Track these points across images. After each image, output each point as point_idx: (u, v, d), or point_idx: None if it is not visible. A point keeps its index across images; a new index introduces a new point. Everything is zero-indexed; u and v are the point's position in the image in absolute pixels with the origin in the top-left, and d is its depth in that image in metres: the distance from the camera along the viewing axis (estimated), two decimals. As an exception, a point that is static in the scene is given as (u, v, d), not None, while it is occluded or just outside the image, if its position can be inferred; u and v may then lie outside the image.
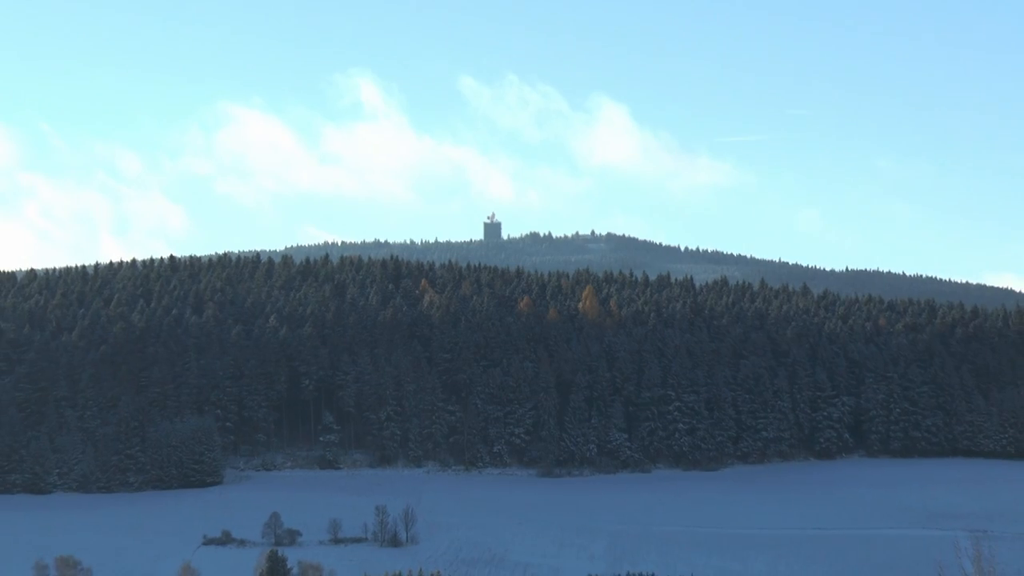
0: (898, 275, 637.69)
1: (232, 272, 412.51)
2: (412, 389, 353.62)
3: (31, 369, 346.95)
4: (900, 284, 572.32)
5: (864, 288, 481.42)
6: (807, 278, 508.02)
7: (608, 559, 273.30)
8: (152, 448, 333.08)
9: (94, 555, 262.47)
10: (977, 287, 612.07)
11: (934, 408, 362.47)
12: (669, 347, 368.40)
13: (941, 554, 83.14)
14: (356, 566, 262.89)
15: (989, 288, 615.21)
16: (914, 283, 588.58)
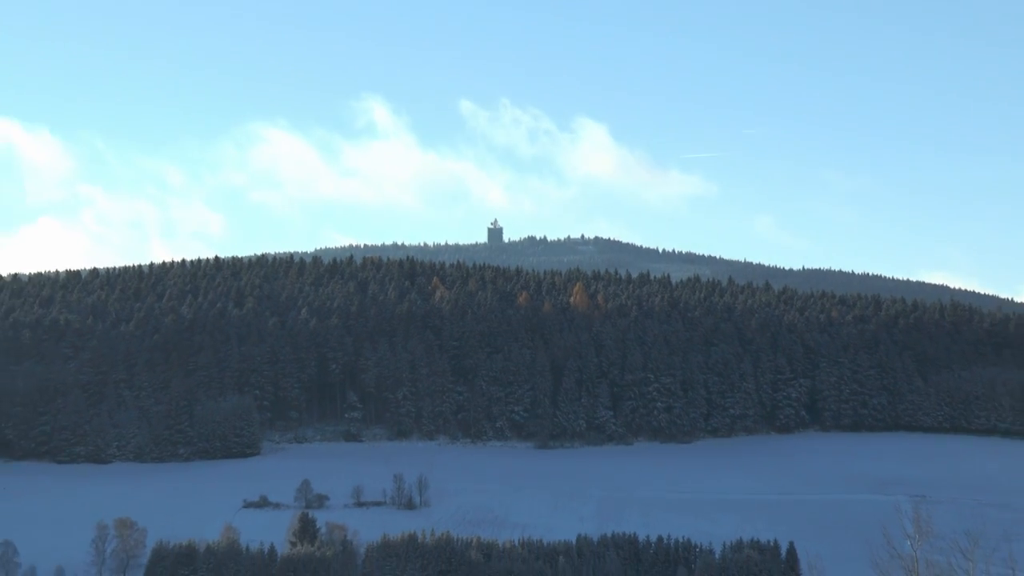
0: (848, 273, 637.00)
1: (268, 271, 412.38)
2: (425, 372, 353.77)
3: (93, 355, 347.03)
4: (849, 281, 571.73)
5: (818, 284, 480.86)
6: (768, 276, 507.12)
7: (596, 520, 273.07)
8: (199, 424, 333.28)
9: (148, 517, 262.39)
10: (916, 283, 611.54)
11: (879, 389, 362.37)
12: (649, 336, 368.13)
13: (885, 516, 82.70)
14: (376, 526, 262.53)
15: (926, 284, 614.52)
16: (861, 280, 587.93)
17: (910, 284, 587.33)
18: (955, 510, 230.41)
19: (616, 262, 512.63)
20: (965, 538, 67.20)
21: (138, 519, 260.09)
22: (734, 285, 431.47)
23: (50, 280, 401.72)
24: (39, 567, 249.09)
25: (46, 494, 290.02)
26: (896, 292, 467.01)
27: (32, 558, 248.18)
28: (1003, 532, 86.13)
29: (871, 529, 78.15)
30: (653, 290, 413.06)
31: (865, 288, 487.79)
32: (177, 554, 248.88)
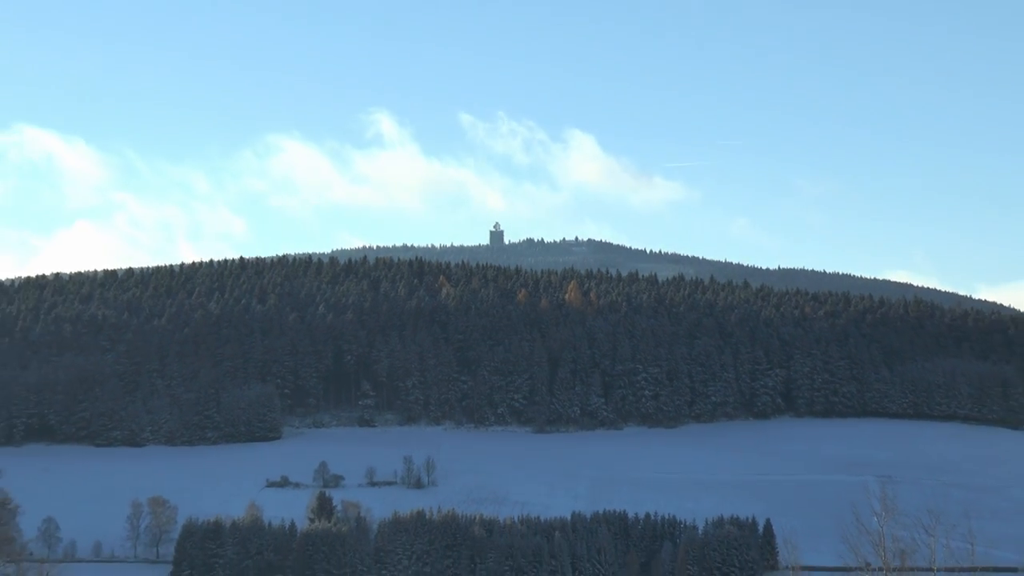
0: (819, 272, 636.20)
1: (289, 270, 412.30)
2: (432, 363, 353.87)
3: (129, 347, 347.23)
4: (820, 279, 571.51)
5: (792, 283, 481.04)
6: (747, 275, 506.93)
7: (589, 498, 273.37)
8: (225, 410, 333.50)
9: (179, 495, 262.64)
10: (882, 282, 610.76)
11: (849, 378, 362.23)
12: (637, 330, 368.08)
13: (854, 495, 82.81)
14: (387, 504, 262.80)
15: (891, 283, 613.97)
16: (831, 278, 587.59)
17: (876, 282, 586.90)
18: (918, 489, 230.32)
19: (607, 262, 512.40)
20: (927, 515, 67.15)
21: (169, 498, 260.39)
22: (715, 283, 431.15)
23: (89, 279, 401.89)
24: (79, 542, 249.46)
25: (85, 475, 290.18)
26: (863, 290, 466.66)
27: (72, 533, 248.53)
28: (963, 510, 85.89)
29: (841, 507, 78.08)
30: (641, 288, 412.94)
31: (835, 286, 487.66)
32: (205, 530, 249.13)
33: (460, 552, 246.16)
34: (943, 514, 66.20)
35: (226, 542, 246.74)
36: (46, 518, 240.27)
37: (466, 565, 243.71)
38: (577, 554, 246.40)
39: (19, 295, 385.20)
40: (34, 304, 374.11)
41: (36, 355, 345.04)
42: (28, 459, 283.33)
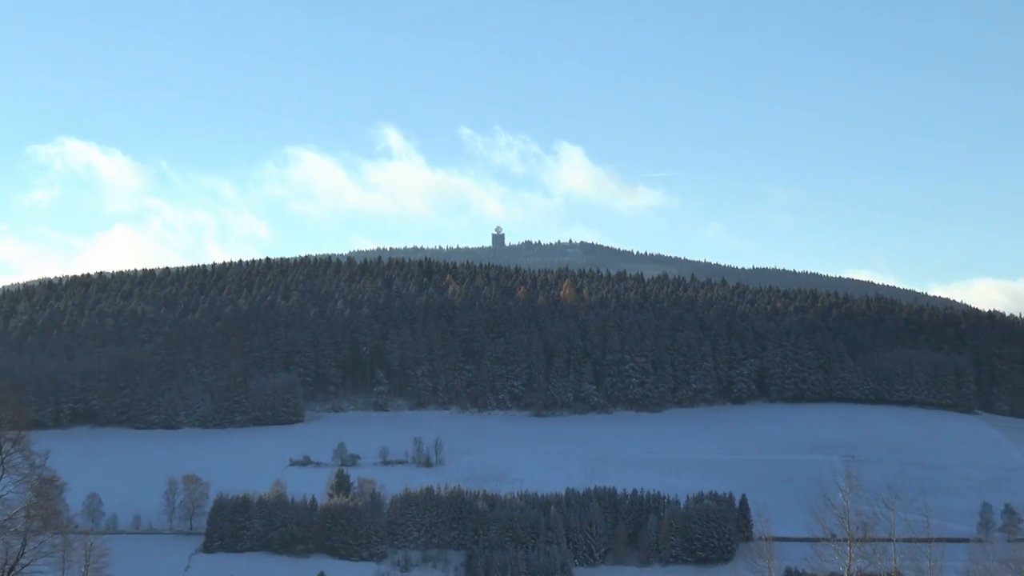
0: (789, 271, 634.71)
1: (310, 270, 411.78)
2: (440, 353, 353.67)
3: (166, 339, 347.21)
4: (790, 278, 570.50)
5: (764, 281, 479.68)
6: (724, 274, 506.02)
7: (581, 476, 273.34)
8: (252, 396, 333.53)
9: (211, 473, 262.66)
10: (846, 280, 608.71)
11: (816, 367, 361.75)
12: (625, 323, 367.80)
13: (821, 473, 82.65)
14: (399, 481, 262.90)
15: (854, 281, 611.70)
16: (800, 277, 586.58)
17: (841, 280, 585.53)
18: (879, 468, 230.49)
19: (598, 262, 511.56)
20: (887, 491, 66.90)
21: (202, 475, 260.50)
22: (696, 281, 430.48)
23: (129, 277, 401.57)
24: (120, 515, 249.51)
25: (125, 455, 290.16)
26: (829, 287, 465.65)
27: (114, 508, 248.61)
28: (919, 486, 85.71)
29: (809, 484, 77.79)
30: (629, 286, 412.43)
31: (803, 284, 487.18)
32: (234, 504, 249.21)
33: (465, 524, 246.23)
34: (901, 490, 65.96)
35: (253, 516, 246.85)
36: (90, 494, 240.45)
37: (470, 536, 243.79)
38: (571, 526, 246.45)
39: (66, 292, 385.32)
40: (80, 300, 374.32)
41: (81, 346, 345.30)
42: (74, 441, 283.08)
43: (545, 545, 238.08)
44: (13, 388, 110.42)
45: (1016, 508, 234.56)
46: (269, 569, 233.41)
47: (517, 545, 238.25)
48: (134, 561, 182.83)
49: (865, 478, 64.45)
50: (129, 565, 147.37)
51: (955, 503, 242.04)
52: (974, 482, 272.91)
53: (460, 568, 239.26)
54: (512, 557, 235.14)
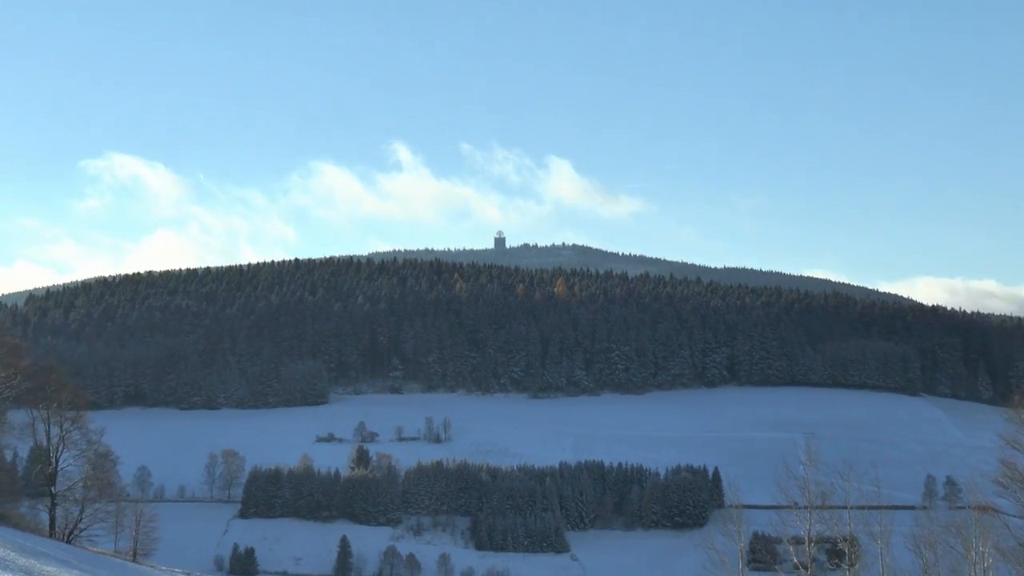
0: (755, 270, 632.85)
1: (333, 269, 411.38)
2: (448, 343, 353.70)
3: (206, 331, 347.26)
4: (757, 276, 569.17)
5: (734, 279, 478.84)
6: (699, 273, 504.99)
7: (573, 451, 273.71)
8: (283, 380, 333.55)
9: (246, 448, 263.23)
10: (806, 278, 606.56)
11: (780, 355, 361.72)
12: (612, 316, 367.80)
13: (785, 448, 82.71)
14: (412, 455, 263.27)
15: (813, 278, 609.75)
16: (766, 275, 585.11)
17: (801, 278, 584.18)
18: (836, 444, 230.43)
19: (588, 263, 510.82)
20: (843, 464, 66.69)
21: (239, 450, 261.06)
22: (674, 279, 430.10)
23: (174, 276, 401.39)
24: (166, 485, 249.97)
25: (171, 432, 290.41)
26: (791, 284, 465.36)
27: (161, 479, 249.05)
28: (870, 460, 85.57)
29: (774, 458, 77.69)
30: (615, 283, 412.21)
31: (768, 281, 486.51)
32: (267, 476, 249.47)
33: (470, 493, 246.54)
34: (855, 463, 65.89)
35: (284, 486, 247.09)
36: (140, 467, 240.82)
37: (475, 504, 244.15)
38: (564, 495, 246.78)
39: (118, 289, 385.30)
40: (131, 296, 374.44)
41: (132, 336, 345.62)
42: (126, 420, 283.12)
43: (541, 512, 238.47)
44: (72, 374, 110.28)
45: (956, 479, 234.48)
46: (298, 533, 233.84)
47: (516, 512, 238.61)
48: (178, 526, 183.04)
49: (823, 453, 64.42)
50: (174, 530, 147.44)
51: (902, 475, 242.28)
52: (919, 456, 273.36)
53: (466, 532, 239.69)
54: (512, 522, 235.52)
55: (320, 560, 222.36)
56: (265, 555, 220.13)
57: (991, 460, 63.61)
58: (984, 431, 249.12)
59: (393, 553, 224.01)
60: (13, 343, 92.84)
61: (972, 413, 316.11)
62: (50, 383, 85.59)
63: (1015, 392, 66.90)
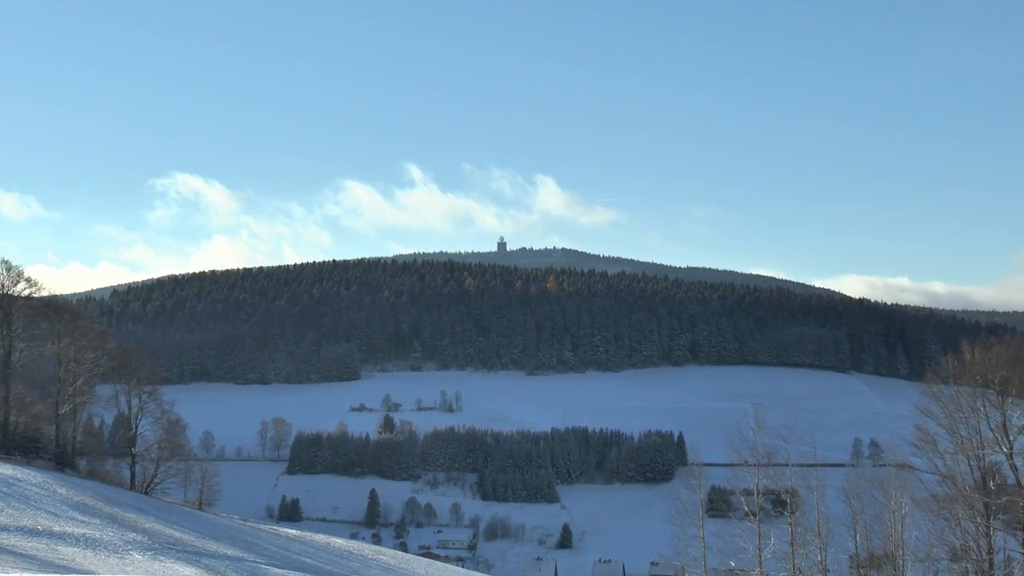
0: (713, 269, 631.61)
1: (363, 268, 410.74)
2: (459, 329, 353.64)
3: (259, 319, 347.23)
4: (713, 274, 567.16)
5: (695, 277, 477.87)
6: (666, 271, 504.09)
7: (562, 419, 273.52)
8: (323, 360, 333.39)
9: (292, 416, 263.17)
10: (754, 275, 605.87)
11: (733, 339, 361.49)
12: (594, 307, 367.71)
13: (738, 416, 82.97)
14: (430, 422, 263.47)
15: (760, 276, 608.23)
16: (721, 273, 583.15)
17: (749, 275, 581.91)
18: (779, 413, 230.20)
19: (574, 263, 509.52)
20: (785, 429, 66.51)
21: (286, 417, 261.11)
22: (645, 277, 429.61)
23: (232, 274, 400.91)
24: (226, 447, 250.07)
25: (230, 403, 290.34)
26: (741, 281, 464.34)
27: (222, 441, 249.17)
28: (808, 426, 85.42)
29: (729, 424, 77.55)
30: (596, 280, 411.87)
31: (723, 278, 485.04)
32: (310, 439, 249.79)
33: (477, 454, 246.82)
34: (795, 429, 65.80)
35: (323, 447, 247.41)
36: (204, 431, 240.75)
37: (481, 462, 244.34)
38: (554, 455, 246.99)
39: (186, 285, 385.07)
40: (196, 291, 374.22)
41: (199, 324, 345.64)
42: (193, 392, 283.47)
43: (536, 469, 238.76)
44: (148, 355, 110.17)
45: (879, 442, 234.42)
46: (335, 486, 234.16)
47: (515, 469, 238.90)
48: (236, 481, 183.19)
49: (768, 420, 64.40)
50: (232, 484, 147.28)
51: (834, 438, 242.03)
52: (848, 423, 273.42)
53: (473, 485, 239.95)
54: (511, 478, 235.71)
55: (353, 509, 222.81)
56: (308, 504, 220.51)
57: (907, 426, 63.66)
58: (902, 402, 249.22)
59: (413, 503, 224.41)
60: (100, 330, 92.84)
61: (891, 387, 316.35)
62: (131, 362, 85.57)
63: (927, 370, 66.89)
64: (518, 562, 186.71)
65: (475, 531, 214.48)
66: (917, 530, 55.10)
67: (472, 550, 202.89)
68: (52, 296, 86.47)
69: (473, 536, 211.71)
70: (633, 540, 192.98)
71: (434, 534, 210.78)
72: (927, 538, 55.19)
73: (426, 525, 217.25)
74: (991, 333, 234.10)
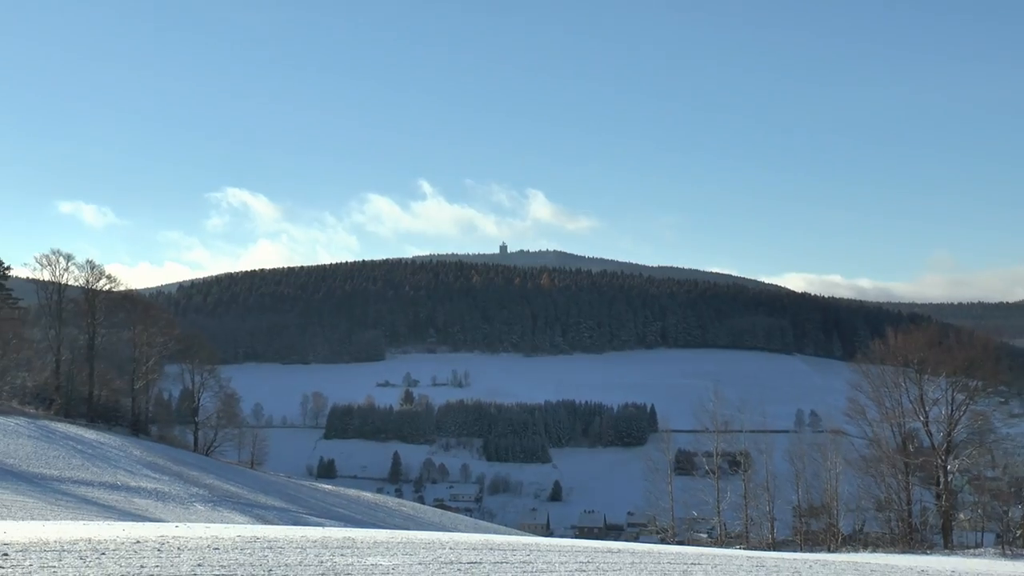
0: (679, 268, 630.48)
1: (387, 267, 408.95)
2: (468, 318, 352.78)
3: (302, 309, 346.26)
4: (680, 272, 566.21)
5: (665, 274, 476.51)
6: (639, 270, 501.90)
7: (555, 394, 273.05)
8: (354, 344, 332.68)
9: (328, 391, 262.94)
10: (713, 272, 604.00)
11: (696, 327, 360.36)
12: (581, 300, 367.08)
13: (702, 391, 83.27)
14: (443, 396, 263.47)
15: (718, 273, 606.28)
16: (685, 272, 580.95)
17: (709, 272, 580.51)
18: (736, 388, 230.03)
19: (564, 263, 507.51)
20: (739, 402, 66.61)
21: (323, 392, 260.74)
22: (623, 275, 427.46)
23: (278, 272, 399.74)
24: (273, 417, 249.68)
25: (277, 379, 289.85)
26: (703, 277, 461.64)
27: (269, 412, 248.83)
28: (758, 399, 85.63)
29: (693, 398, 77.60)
30: (582, 277, 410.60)
31: (688, 275, 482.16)
32: (343, 410, 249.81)
33: (483, 422, 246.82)
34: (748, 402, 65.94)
35: (354, 416, 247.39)
36: (255, 403, 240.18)
37: (486, 429, 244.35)
38: (547, 423, 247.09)
39: (239, 281, 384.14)
40: (248, 286, 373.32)
41: (250, 314, 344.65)
42: (245, 371, 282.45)
43: (531, 435, 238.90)
44: (208, 339, 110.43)
45: (817, 412, 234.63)
46: (364, 449, 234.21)
47: (514, 435, 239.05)
48: (281, 445, 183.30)
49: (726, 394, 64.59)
50: (278, 447, 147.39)
51: (780, 409, 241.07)
52: (792, 396, 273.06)
53: (479, 448, 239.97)
54: (511, 442, 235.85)
55: (379, 468, 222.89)
56: (341, 464, 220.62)
57: (841, 399, 63.86)
58: (837, 379, 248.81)
59: (429, 463, 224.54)
60: (168, 318, 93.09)
61: (828, 366, 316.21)
62: (193, 346, 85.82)
63: (857, 352, 67.01)
64: (517, 512, 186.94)
65: (481, 487, 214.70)
66: (849, 485, 55.37)
67: (478, 503, 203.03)
68: (128, 290, 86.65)
69: (479, 491, 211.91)
70: (613, 494, 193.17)
71: (446, 489, 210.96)
72: (857, 492, 55.46)
73: (440, 482, 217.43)
74: (910, 321, 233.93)
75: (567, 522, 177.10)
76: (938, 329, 61.08)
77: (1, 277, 76.44)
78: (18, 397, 68.54)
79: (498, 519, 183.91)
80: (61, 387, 73.23)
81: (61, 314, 74.67)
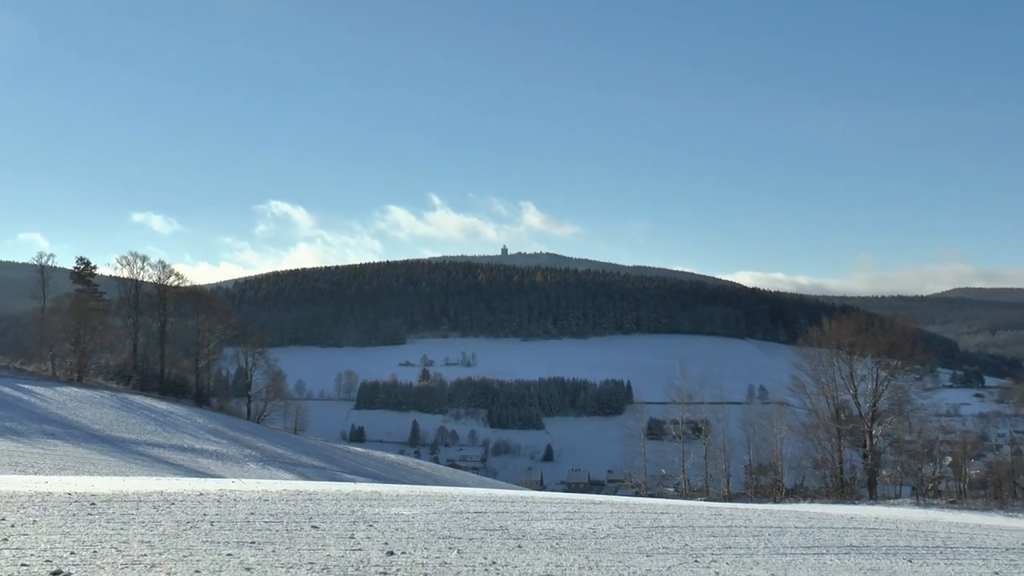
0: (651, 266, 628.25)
1: (408, 267, 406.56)
2: (475, 309, 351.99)
3: (336, 302, 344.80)
4: (651, 270, 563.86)
5: (640, 272, 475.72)
6: (617, 269, 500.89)
7: (548, 372, 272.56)
8: (380, 330, 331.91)
9: (359, 369, 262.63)
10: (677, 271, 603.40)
11: (665, 316, 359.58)
12: (569, 295, 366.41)
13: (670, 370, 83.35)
14: (454, 373, 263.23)
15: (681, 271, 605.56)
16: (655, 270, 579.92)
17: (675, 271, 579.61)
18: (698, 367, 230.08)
19: (555, 263, 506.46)
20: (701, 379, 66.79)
21: (354, 370, 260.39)
22: (604, 273, 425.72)
23: (316, 271, 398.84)
24: (313, 391, 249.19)
25: (316, 360, 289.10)
26: (670, 275, 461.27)
27: (310, 387, 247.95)
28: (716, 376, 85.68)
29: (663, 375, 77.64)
30: (570, 275, 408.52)
31: (658, 273, 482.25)
32: (371, 385, 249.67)
33: (487, 396, 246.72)
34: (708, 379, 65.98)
35: (380, 391, 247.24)
36: (298, 380, 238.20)
37: (490, 401, 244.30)
38: (541, 397, 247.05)
39: (284, 279, 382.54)
40: (291, 283, 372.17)
41: (294, 305, 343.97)
42: (290, 354, 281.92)
43: (528, 406, 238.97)
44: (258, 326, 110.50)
45: (766, 387, 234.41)
46: (388, 418, 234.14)
47: (514, 406, 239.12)
48: (320, 415, 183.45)
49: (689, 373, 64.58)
50: (317, 417, 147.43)
51: (735, 385, 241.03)
52: (745, 374, 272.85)
53: (485, 418, 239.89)
54: (511, 412, 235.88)
55: (402, 434, 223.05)
56: (370, 431, 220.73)
57: (785, 376, 63.91)
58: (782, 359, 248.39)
59: (443, 430, 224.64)
60: (225, 309, 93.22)
61: (774, 349, 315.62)
62: (247, 332, 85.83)
63: (799, 337, 67.17)
64: (516, 471, 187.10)
65: (486, 449, 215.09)
66: (791, 448, 55.56)
67: (483, 463, 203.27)
68: (192, 286, 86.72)
69: (484, 453, 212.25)
70: (595, 455, 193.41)
71: (457, 452, 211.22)
72: (798, 453, 55.65)
73: (452, 445, 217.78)
74: (842, 312, 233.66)
75: (557, 479, 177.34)
76: (864, 318, 61.21)
77: (89, 275, 76.88)
78: (103, 374, 69.09)
79: (500, 476, 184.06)
80: (138, 366, 73.62)
81: (138, 305, 75.32)
